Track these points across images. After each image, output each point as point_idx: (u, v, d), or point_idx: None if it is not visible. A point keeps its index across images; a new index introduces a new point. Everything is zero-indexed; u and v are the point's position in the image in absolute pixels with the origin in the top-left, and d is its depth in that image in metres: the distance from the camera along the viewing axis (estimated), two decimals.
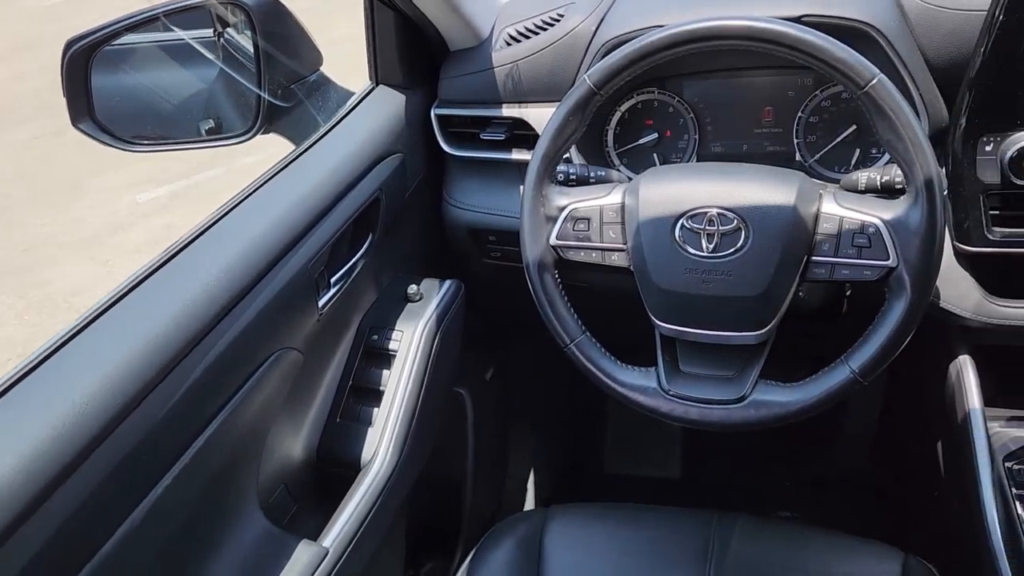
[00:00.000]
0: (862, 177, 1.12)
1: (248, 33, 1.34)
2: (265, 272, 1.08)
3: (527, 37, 1.40)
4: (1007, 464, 1.14)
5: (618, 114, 1.45)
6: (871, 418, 2.00)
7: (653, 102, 1.44)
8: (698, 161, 1.43)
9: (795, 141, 1.37)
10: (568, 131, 1.10)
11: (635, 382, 1.12)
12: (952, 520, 1.34)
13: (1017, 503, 1.09)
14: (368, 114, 1.38)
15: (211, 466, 1.00)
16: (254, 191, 1.17)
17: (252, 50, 1.33)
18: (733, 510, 1.98)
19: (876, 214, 1.00)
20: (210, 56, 1.40)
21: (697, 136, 1.42)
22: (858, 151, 1.31)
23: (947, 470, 1.37)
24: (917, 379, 1.52)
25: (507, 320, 1.74)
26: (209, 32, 1.40)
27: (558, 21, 1.38)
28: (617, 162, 1.47)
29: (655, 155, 1.45)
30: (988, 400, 1.27)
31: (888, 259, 0.99)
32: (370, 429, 1.26)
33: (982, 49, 1.07)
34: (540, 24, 1.40)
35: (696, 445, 2.20)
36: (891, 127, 0.95)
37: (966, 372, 1.23)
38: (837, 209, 1.02)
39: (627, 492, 2.12)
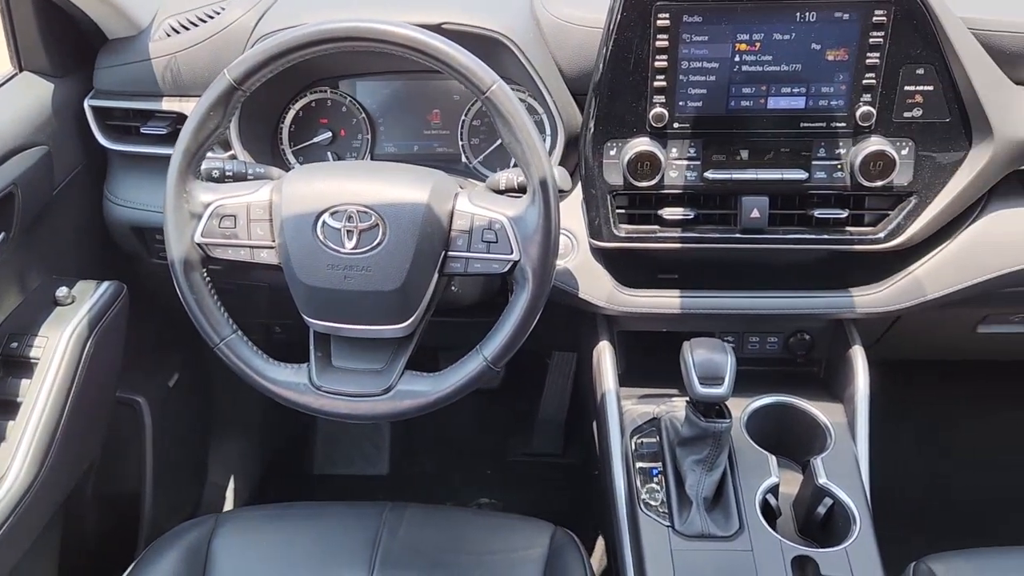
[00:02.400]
0: (502, 178, 1.19)
1: None
2: None
3: (186, 29, 1.35)
4: (634, 439, 1.27)
5: (292, 112, 1.45)
6: (563, 403, 2.14)
7: (327, 101, 1.45)
8: (372, 160, 1.46)
9: (460, 143, 1.44)
10: (210, 126, 1.07)
11: (286, 379, 1.12)
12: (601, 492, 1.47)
13: (637, 475, 1.22)
14: (3, 103, 1.26)
15: None
16: None
17: None
18: (436, 499, 2.05)
19: (502, 212, 1.07)
20: None
21: (370, 136, 1.45)
22: None
23: (599, 447, 1.50)
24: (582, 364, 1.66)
25: (186, 322, 1.67)
26: None
27: (219, 14, 1.35)
28: (293, 160, 1.46)
29: (330, 153, 1.46)
30: (626, 380, 1.41)
31: (512, 253, 1.06)
32: (3, 444, 1.16)
33: (602, 62, 1.18)
34: (200, 16, 1.36)
35: (408, 440, 2.24)
36: (510, 130, 1.03)
37: (604, 356, 1.35)
38: (469, 207, 1.08)
39: (336, 492, 2.12)
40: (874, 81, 1.16)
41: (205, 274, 1.12)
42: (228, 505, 1.94)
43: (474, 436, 2.23)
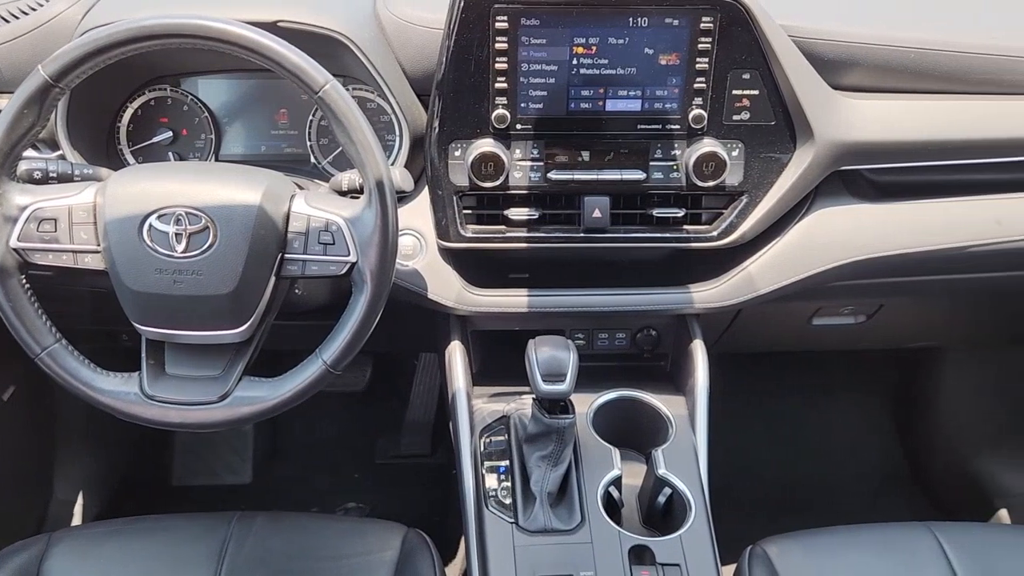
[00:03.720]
0: (345, 179, 1.18)
1: None
2: None
3: (7, 21, 1.28)
4: (484, 437, 1.28)
5: (130, 110, 1.39)
6: (431, 404, 2.14)
7: (167, 99, 1.40)
8: (216, 161, 1.42)
9: (308, 143, 1.41)
10: (24, 125, 1.02)
11: (115, 389, 1.08)
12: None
13: (485, 473, 1.23)
14: None
15: None
16: None
17: None
18: (302, 505, 2.01)
19: (338, 213, 1.06)
20: None
21: (214, 136, 1.41)
22: None
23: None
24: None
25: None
26: None
27: (42, 6, 1.28)
28: (132, 161, 1.40)
29: (171, 154, 1.41)
30: (481, 379, 1.42)
31: (349, 255, 1.05)
32: None
33: (443, 64, 1.19)
34: (23, 8, 1.28)
35: (272, 446, 2.19)
36: (344, 131, 1.02)
37: (455, 356, 1.36)
38: (305, 208, 1.07)
39: (197, 503, 2.05)
40: (704, 85, 1.21)
41: (24, 281, 1.06)
42: (76, 523, 1.84)
43: (342, 440, 2.21)
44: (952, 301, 1.61)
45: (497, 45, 1.17)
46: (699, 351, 1.36)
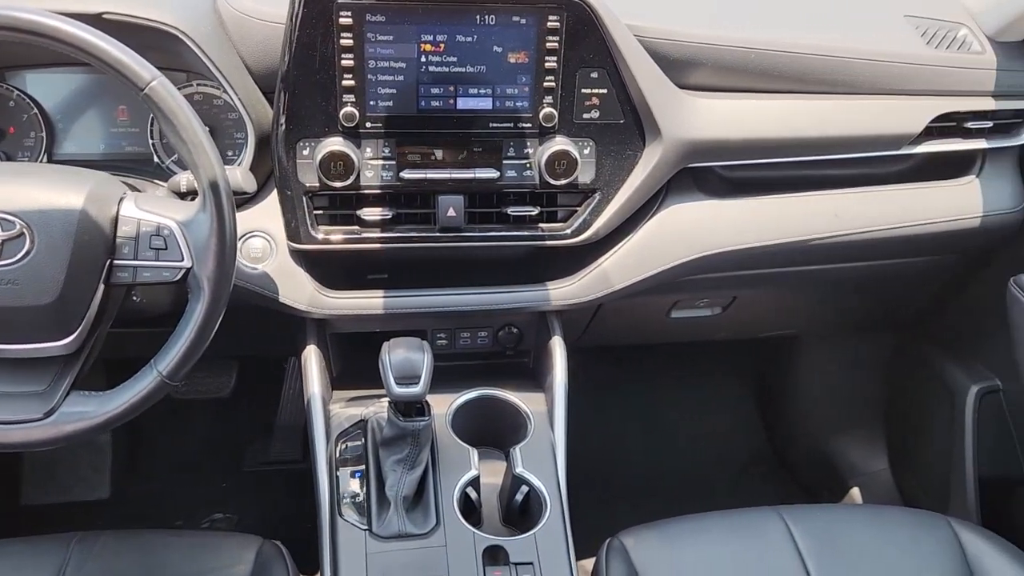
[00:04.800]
0: (183, 179, 1.13)
1: None
2: None
3: None
4: (340, 443, 1.25)
5: None
6: (301, 408, 2.09)
7: None
8: (49, 161, 1.33)
9: (150, 142, 1.34)
10: None
11: None
12: None
13: (340, 479, 1.20)
14: None
15: None
16: None
17: None
18: (167, 519, 1.92)
19: (171, 216, 1.01)
20: None
21: (45, 135, 1.32)
22: None
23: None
24: None
25: None
26: None
27: None
28: None
29: None
30: (341, 382, 1.39)
31: (184, 260, 1.00)
32: None
33: (286, 60, 1.15)
34: None
35: (132, 458, 2.09)
36: (173, 130, 0.97)
37: (310, 360, 1.32)
38: (135, 212, 1.01)
39: (51, 523, 1.93)
40: (554, 84, 1.21)
41: None
42: None
43: (208, 448, 2.12)
44: (801, 292, 1.68)
45: (342, 42, 1.14)
46: (558, 347, 1.37)
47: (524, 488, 1.21)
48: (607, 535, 1.29)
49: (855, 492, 1.98)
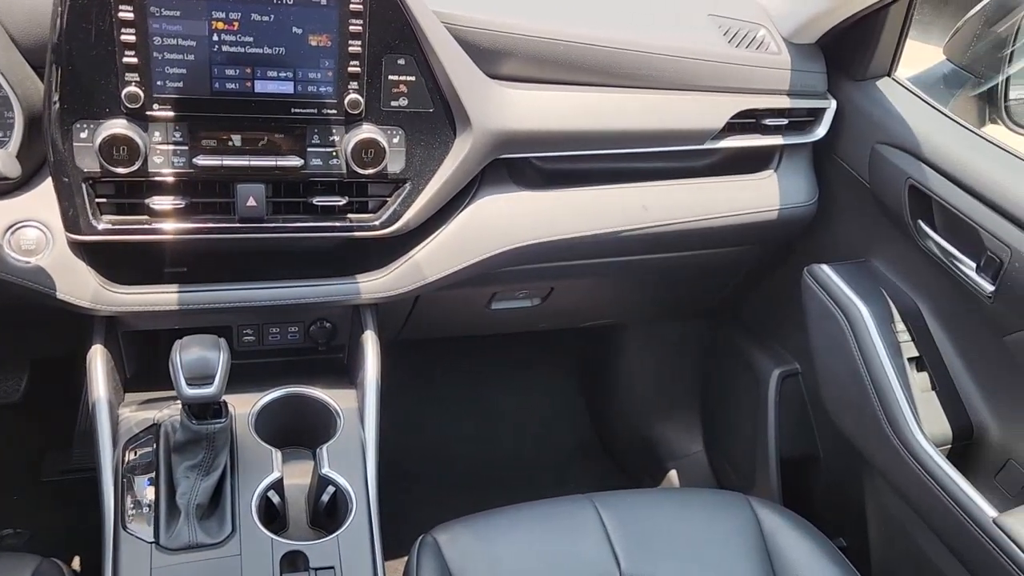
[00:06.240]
0: None
1: None
2: None
3: None
4: (128, 450, 1.16)
5: None
6: None
7: None
8: None
9: None
10: None
11: None
12: None
13: (127, 489, 1.11)
14: None
15: None
16: None
17: None
18: None
19: None
20: None
21: None
22: None
23: None
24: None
25: None
26: None
27: None
28: None
29: None
30: (134, 384, 1.30)
31: None
32: None
33: (57, 33, 1.04)
34: None
35: None
36: None
37: (95, 361, 1.22)
38: None
39: None
40: (359, 69, 1.17)
41: None
42: None
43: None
44: (617, 282, 1.72)
45: (122, 15, 1.05)
46: (370, 342, 1.33)
47: (331, 489, 1.17)
48: (424, 531, 1.27)
49: (673, 475, 2.05)
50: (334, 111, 1.19)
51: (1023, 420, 1.27)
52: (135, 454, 1.16)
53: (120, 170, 1.11)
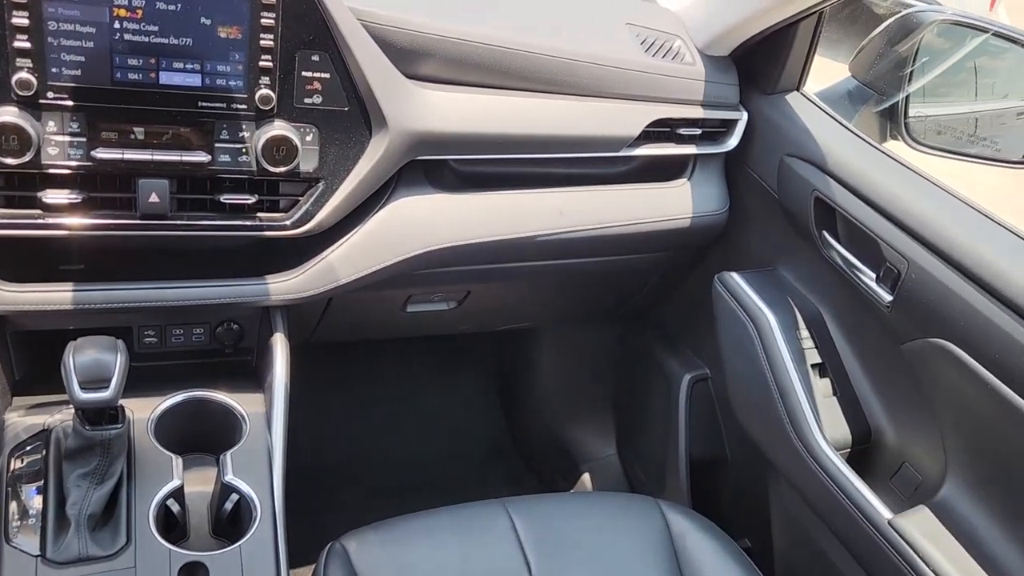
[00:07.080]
0: None
1: None
2: None
3: None
4: (14, 457, 1.10)
5: None
6: None
7: None
8: None
9: None
10: None
11: None
12: None
13: (11, 499, 1.05)
14: None
15: None
16: None
17: None
18: None
19: None
20: None
21: None
22: None
23: None
24: None
25: None
26: None
27: None
28: None
29: None
30: (24, 387, 1.23)
31: None
32: None
33: None
34: None
35: None
36: None
37: None
38: None
39: None
40: (271, 64, 1.13)
41: None
42: None
43: None
44: (533, 286, 1.72)
45: None
46: (279, 344, 1.29)
47: (234, 496, 1.13)
48: (332, 538, 1.24)
49: (586, 478, 2.07)
50: (244, 106, 1.15)
51: (917, 425, 1.32)
52: (22, 462, 1.09)
53: (9, 160, 1.05)
